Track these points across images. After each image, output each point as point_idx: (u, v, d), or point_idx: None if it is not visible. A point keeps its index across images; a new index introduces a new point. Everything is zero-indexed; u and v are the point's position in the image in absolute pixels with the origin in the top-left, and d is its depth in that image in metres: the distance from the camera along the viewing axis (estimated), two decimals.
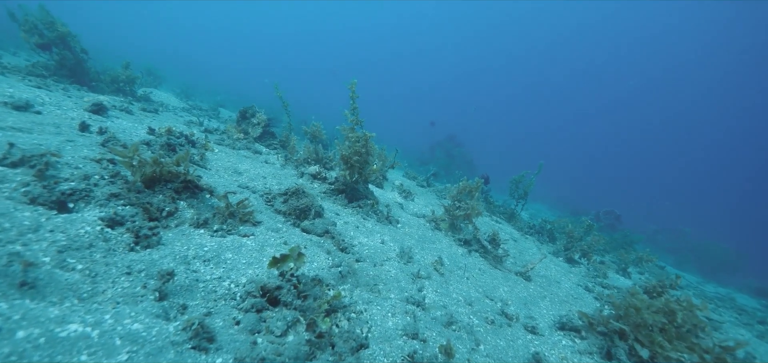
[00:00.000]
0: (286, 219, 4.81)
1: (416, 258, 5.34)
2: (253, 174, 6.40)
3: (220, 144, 7.67)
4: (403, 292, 4.11)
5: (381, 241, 5.36)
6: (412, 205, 8.57)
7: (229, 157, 6.90)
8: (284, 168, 7.47)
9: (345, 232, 5.20)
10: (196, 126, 9.11)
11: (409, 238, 6.13)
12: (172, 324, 2.31)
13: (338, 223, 5.39)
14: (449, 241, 6.83)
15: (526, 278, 6.42)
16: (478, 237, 6.91)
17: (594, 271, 8.62)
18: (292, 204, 4.86)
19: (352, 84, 5.97)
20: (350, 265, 4.11)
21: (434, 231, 7.13)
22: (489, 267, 6.33)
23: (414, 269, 4.83)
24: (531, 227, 10.81)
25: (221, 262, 3.28)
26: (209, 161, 6.21)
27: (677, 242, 26.18)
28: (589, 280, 7.87)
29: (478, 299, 4.77)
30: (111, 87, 10.55)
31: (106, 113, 6.43)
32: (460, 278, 5.31)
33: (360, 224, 5.76)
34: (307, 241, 4.43)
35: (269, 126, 9.11)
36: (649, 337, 4.40)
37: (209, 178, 5.32)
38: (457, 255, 6.27)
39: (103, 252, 2.75)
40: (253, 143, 8.58)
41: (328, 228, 4.86)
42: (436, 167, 16.41)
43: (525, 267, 6.60)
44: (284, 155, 8.09)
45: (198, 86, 24.10)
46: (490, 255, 6.73)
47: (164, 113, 9.93)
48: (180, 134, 6.56)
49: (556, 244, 10.72)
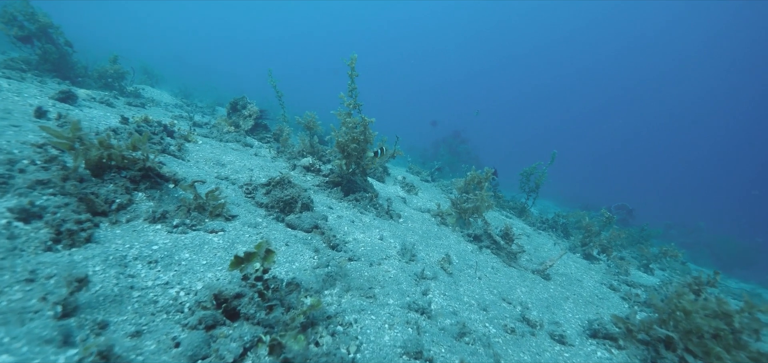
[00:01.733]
0: (269, 212, 4.09)
1: (420, 256, 4.59)
2: (238, 166, 5.71)
3: (206, 137, 6.99)
4: (405, 296, 3.36)
5: (380, 237, 4.63)
6: (416, 200, 7.82)
7: (213, 149, 6.22)
8: (275, 161, 6.78)
9: (338, 227, 4.47)
10: (184, 120, 8.45)
11: (412, 233, 5.39)
12: (65, 353, 1.59)
13: (330, 218, 4.66)
14: (457, 237, 6.07)
15: (544, 277, 5.64)
16: (489, 232, 6.14)
17: (615, 268, 7.79)
18: (276, 195, 4.15)
19: (351, 59, 5.25)
20: (341, 265, 3.38)
21: (440, 226, 6.38)
22: (503, 265, 5.56)
23: (417, 269, 4.09)
24: (544, 222, 9.98)
25: (173, 264, 2.57)
26: (189, 152, 5.53)
27: (691, 237, 25.07)
28: (612, 278, 7.05)
29: (494, 303, 4.01)
30: (99, 83, 9.94)
31: (76, 102, 5.78)
32: (471, 278, 4.55)
33: (356, 219, 5.02)
34: (290, 237, 3.71)
35: (262, 118, 8.43)
36: (701, 345, 3.60)
37: (185, 169, 4.63)
38: (467, 252, 5.51)
39: (3, 252, 2.05)
40: (245, 136, 7.90)
41: (318, 222, 4.14)
42: (441, 163, 15.63)
43: (543, 264, 5.82)
44: (276, 147, 7.39)
45: (200, 87, 23.57)
46: (503, 251, 5.96)
47: (153, 108, 9.30)
48: (158, 124, 5.89)
49: (570, 239, 9.90)
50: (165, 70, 27.14)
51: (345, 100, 5.53)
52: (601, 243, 8.18)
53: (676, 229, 25.73)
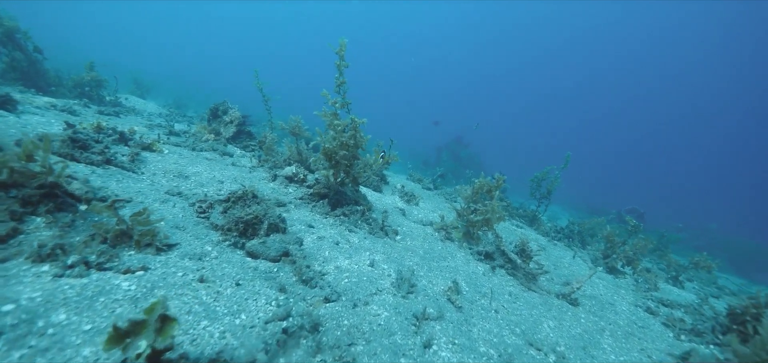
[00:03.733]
0: (225, 237, 3.13)
1: (422, 285, 3.61)
2: (205, 178, 4.77)
3: (178, 146, 6.07)
4: (400, 355, 2.38)
5: (370, 262, 3.65)
6: (417, 211, 6.84)
7: (181, 159, 5.30)
8: (254, 171, 5.84)
9: (317, 252, 3.50)
10: (162, 129, 7.56)
11: (412, 254, 4.41)
12: None
13: (308, 240, 3.70)
14: (465, 255, 5.08)
15: (571, 302, 4.62)
16: (502, 248, 5.14)
17: (644, 283, 6.75)
18: (234, 215, 3.19)
19: (340, 45, 4.31)
20: (311, 312, 2.40)
21: (445, 242, 5.39)
22: (521, 289, 4.56)
23: (417, 306, 3.11)
24: (558, 231, 8.95)
25: (31, 335, 1.61)
26: (147, 163, 4.60)
27: (703, 240, 23.83)
28: (645, 298, 6.00)
29: (519, 349, 3.01)
30: (74, 92, 9.12)
31: (14, 107, 4.88)
32: (486, 311, 3.56)
33: (342, 239, 4.05)
34: (247, 272, 2.75)
35: (245, 125, 7.52)
36: None
37: (129, 184, 3.70)
38: (478, 275, 4.51)
39: None
40: (225, 145, 6.98)
41: (289, 248, 3.18)
42: (444, 169, 14.65)
43: (569, 286, 4.81)
44: (258, 156, 6.47)
45: (197, 98, 22.81)
46: (520, 271, 4.95)
47: (129, 116, 8.43)
48: (113, 131, 4.99)
49: (587, 249, 8.85)
50: (165, 83, 26.52)
51: (329, 98, 4.60)
52: (627, 254, 7.15)
53: (688, 232, 24.54)
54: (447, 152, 23.79)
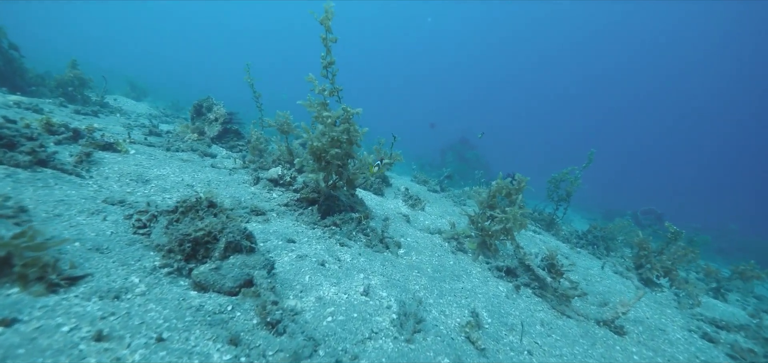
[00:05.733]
0: (166, 260, 2.29)
1: (431, 318, 2.73)
2: (171, 183, 3.96)
3: (151, 146, 5.27)
4: None
5: (364, 289, 2.77)
6: (423, 217, 5.95)
7: (150, 160, 4.49)
8: (235, 173, 5.02)
9: (294, 278, 2.64)
10: (142, 129, 6.78)
11: (418, 273, 3.53)
12: None
13: (284, 260, 2.84)
14: (482, 271, 4.18)
15: (616, 330, 3.69)
16: (526, 262, 4.24)
17: (687, 299, 5.77)
18: (179, 231, 2.35)
19: (325, 13, 3.46)
20: None
21: (457, 254, 4.50)
22: (553, 314, 3.65)
23: (427, 355, 2.23)
24: (580, 237, 7.98)
25: None
26: (100, 165, 3.80)
27: (723, 241, 22.53)
28: (692, 316, 5.04)
29: None
30: (56, 92, 8.41)
31: None
32: (517, 354, 2.67)
33: (330, 257, 3.19)
34: (184, 317, 1.90)
35: (232, 123, 6.71)
36: None
37: (60, 190, 2.88)
38: (500, 298, 3.61)
39: None
40: (209, 145, 6.18)
41: (254, 274, 2.33)
42: (451, 170, 13.73)
43: (607, 306, 3.88)
44: (242, 157, 5.65)
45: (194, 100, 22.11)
46: (549, 290, 4.04)
47: (111, 117, 7.68)
48: (65, 128, 4.20)
49: (610, 255, 7.87)
50: (168, 87, 25.96)
51: (316, 84, 3.75)
52: (664, 264, 6.18)
53: (707, 233, 23.24)
54: (452, 153, 22.84)
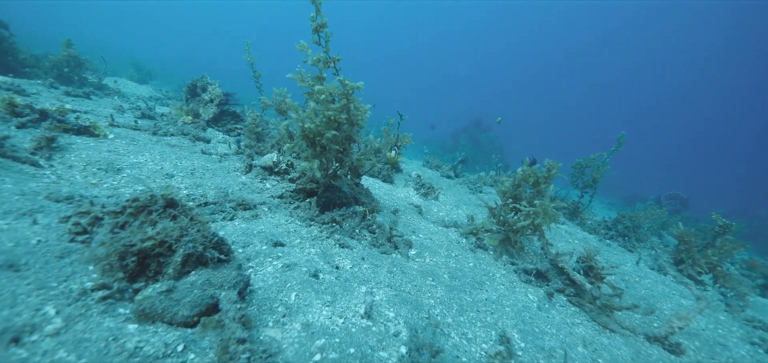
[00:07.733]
0: (103, 280, 1.73)
1: (450, 347, 2.12)
2: (149, 171, 3.41)
3: (136, 129, 4.74)
4: None
5: (365, 309, 2.17)
6: (436, 207, 5.31)
7: (130, 145, 3.95)
8: (225, 160, 4.44)
9: (276, 296, 2.06)
10: (133, 111, 6.26)
11: (434, 282, 2.91)
12: None
13: (266, 271, 2.26)
14: (507, 276, 3.54)
15: (672, 349, 3.03)
16: (560, 264, 3.57)
17: (736, 300, 5.03)
18: (121, 242, 1.77)
19: None
20: None
21: (476, 252, 3.87)
22: (595, 329, 3.01)
23: None
24: (609, 227, 7.21)
25: None
26: (67, 151, 3.27)
27: (753, 227, 21.17)
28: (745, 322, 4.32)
29: None
30: (52, 73, 7.95)
31: None
32: None
33: (326, 264, 2.60)
34: None
35: (228, 104, 6.12)
36: None
37: (7, 182, 2.35)
38: (531, 310, 2.98)
39: None
40: (203, 129, 5.62)
41: (220, 296, 1.75)
42: (464, 153, 12.94)
43: (666, 323, 3.22)
44: (237, 141, 5.08)
45: None
46: (586, 298, 3.38)
47: (104, 99, 7.19)
48: (31, 110, 3.68)
49: (641, 246, 7.08)
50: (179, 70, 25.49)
51: (309, 53, 3.08)
52: (709, 261, 5.42)
53: (735, 218, 21.88)
54: (465, 136, 21.90)
